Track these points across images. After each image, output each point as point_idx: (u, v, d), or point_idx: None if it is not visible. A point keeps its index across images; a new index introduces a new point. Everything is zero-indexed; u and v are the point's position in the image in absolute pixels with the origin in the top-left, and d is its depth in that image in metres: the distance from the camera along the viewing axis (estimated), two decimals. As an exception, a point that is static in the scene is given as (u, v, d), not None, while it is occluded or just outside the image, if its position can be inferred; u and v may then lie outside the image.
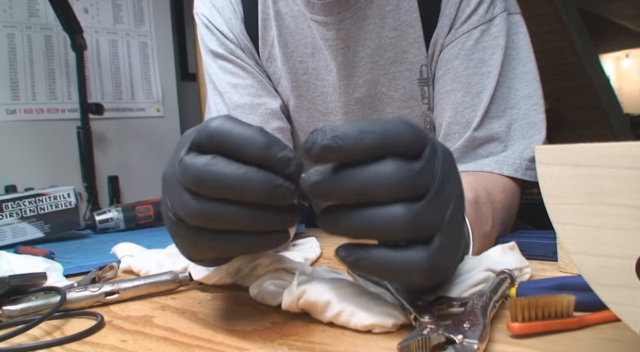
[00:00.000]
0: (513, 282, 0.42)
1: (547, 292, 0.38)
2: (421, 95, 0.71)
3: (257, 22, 0.75)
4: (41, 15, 2.04)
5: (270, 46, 0.76)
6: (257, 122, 0.74)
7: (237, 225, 0.35)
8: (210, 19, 0.77)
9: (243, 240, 0.36)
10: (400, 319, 0.37)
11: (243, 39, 0.76)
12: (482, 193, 0.57)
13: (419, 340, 0.31)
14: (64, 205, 0.91)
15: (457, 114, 0.67)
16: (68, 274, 0.61)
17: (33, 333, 0.41)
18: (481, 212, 0.55)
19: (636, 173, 0.25)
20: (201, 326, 0.41)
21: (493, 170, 0.65)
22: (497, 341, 0.34)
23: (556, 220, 0.27)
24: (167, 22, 2.37)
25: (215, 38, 0.77)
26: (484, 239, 0.54)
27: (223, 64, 0.77)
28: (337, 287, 0.40)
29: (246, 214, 0.34)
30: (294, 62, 0.74)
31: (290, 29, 0.73)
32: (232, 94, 0.76)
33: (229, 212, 0.34)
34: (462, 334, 0.31)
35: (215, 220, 0.34)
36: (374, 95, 0.72)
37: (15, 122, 1.99)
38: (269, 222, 0.35)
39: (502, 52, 0.66)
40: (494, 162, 0.66)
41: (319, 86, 0.74)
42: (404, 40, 0.69)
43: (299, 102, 0.76)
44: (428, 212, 0.32)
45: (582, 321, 0.35)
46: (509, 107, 0.67)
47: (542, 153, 0.28)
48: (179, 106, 2.36)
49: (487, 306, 0.35)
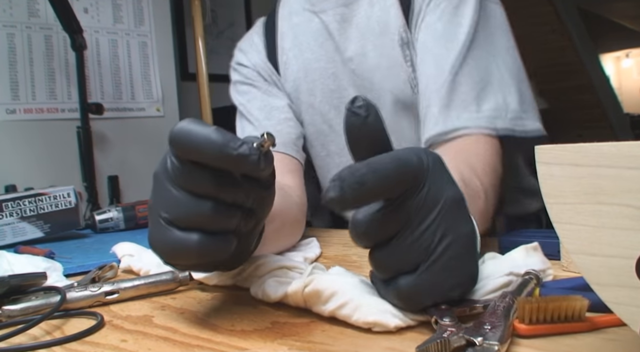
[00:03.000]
0: (539, 283, 0.41)
1: (570, 293, 0.37)
2: (404, 58, 0.77)
3: (275, 46, 0.90)
4: (41, 15, 2.04)
5: (287, 55, 0.88)
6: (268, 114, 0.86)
7: (216, 191, 0.37)
8: (235, 61, 0.94)
9: (230, 243, 0.39)
10: (405, 321, 0.37)
11: (261, 65, 0.90)
12: (466, 170, 0.57)
13: (438, 343, 0.31)
14: (64, 205, 0.90)
15: (437, 66, 0.71)
16: (68, 273, 0.61)
17: (33, 333, 0.41)
18: (471, 190, 0.54)
19: (636, 173, 0.25)
20: (201, 326, 0.41)
21: (467, 124, 0.67)
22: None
23: (556, 220, 0.27)
24: (167, 22, 2.37)
25: (239, 75, 0.92)
26: (480, 217, 0.54)
27: (239, 88, 0.91)
28: (347, 282, 0.40)
29: (225, 180, 0.37)
30: (303, 50, 0.86)
31: (301, 27, 0.87)
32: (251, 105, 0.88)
33: (205, 176, 0.36)
34: (483, 336, 0.31)
35: (195, 183, 0.37)
36: (365, 68, 0.80)
37: (15, 122, 1.99)
38: (239, 193, 0.38)
39: (476, 17, 0.71)
40: (468, 120, 0.68)
41: (329, 68, 0.84)
42: (388, 14, 0.78)
43: (313, 86, 0.86)
44: (395, 252, 0.36)
45: (593, 324, 0.35)
46: (484, 64, 0.71)
47: (542, 153, 0.28)
48: (179, 106, 2.36)
49: (509, 307, 0.35)
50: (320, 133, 0.87)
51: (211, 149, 0.35)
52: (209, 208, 0.37)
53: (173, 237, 0.37)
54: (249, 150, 0.35)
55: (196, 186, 0.37)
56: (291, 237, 0.67)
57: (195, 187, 0.37)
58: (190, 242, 0.37)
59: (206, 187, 0.37)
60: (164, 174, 0.38)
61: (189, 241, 0.37)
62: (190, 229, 0.37)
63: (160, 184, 0.39)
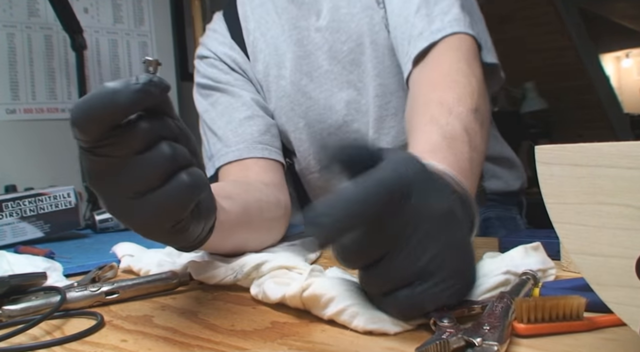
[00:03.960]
0: (536, 283, 0.41)
1: (570, 293, 0.37)
2: (376, 1, 0.77)
3: (240, 29, 0.86)
4: (41, 15, 2.04)
5: (253, 35, 0.85)
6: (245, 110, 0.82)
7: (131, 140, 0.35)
8: (197, 55, 0.90)
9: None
10: (404, 327, 0.37)
11: (223, 51, 0.86)
12: (441, 115, 0.56)
13: (438, 344, 0.31)
14: (64, 205, 0.90)
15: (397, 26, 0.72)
16: (68, 273, 0.61)
17: (33, 333, 0.41)
18: (451, 139, 0.53)
19: (636, 173, 0.25)
20: (201, 326, 0.41)
21: (447, 27, 0.66)
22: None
23: (556, 220, 0.27)
24: (167, 22, 2.37)
25: (199, 74, 0.87)
26: (467, 177, 0.50)
27: (203, 92, 0.86)
28: (345, 288, 0.40)
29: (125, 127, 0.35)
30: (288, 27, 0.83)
31: (264, 4, 0.85)
32: (214, 110, 0.84)
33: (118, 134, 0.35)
34: (482, 336, 0.31)
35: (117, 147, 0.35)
36: (340, 18, 0.79)
37: (15, 122, 1.99)
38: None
39: None
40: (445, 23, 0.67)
41: (292, 35, 0.82)
42: None
43: (283, 58, 0.83)
44: (388, 272, 0.35)
45: (592, 323, 0.35)
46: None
47: (542, 153, 0.28)
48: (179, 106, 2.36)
49: (508, 308, 0.35)
50: (295, 103, 0.83)
51: (124, 98, 0.34)
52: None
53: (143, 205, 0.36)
54: (148, 77, 0.35)
55: (116, 149, 0.36)
56: (270, 233, 0.68)
57: (114, 151, 0.36)
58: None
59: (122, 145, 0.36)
60: (88, 171, 0.38)
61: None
62: (144, 191, 0.36)
63: (94, 181, 0.39)
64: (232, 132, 0.79)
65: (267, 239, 0.67)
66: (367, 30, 0.77)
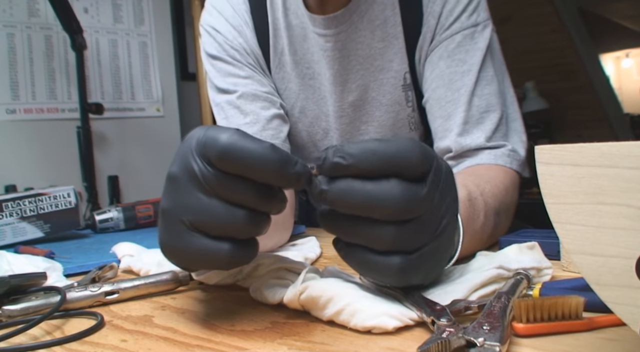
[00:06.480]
0: (530, 283, 0.42)
1: (570, 293, 0.37)
2: (405, 100, 0.78)
3: (267, 32, 0.80)
4: (41, 15, 2.04)
5: (281, 54, 0.81)
6: (260, 107, 0.78)
7: (255, 202, 0.37)
8: (215, 26, 0.80)
9: (256, 249, 0.39)
10: (403, 321, 0.37)
11: (253, 47, 0.80)
12: (473, 188, 0.58)
13: (439, 343, 0.31)
14: (64, 205, 0.90)
15: (440, 108, 0.73)
16: (68, 273, 0.61)
17: (33, 333, 0.41)
18: (473, 209, 0.55)
19: (636, 173, 0.25)
20: (201, 326, 0.41)
21: (488, 161, 0.69)
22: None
23: (556, 220, 0.27)
24: (167, 22, 2.37)
25: (216, 44, 0.80)
26: (473, 237, 0.55)
27: (221, 66, 0.80)
28: (341, 287, 0.40)
29: (264, 191, 0.37)
30: (302, 68, 0.80)
31: (299, 38, 0.79)
32: (236, 87, 0.79)
33: (245, 187, 0.36)
34: (483, 336, 0.31)
35: (233, 193, 0.36)
36: (365, 99, 0.79)
37: (15, 122, 1.99)
38: (275, 202, 0.38)
39: (481, 54, 0.72)
40: (489, 156, 0.70)
41: (323, 90, 0.81)
42: (390, 51, 0.76)
43: (306, 104, 0.82)
44: (417, 232, 0.37)
45: (592, 323, 0.35)
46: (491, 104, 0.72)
47: (542, 153, 0.28)
48: (179, 106, 2.36)
49: (505, 308, 0.35)
50: (303, 147, 0.86)
51: (268, 167, 0.35)
52: (243, 217, 0.36)
53: (200, 244, 0.37)
54: (303, 168, 0.36)
55: (234, 195, 0.36)
56: (282, 234, 0.68)
57: (232, 197, 0.36)
58: (222, 250, 0.37)
59: (246, 197, 0.36)
60: (188, 178, 0.37)
61: (220, 249, 0.37)
62: (221, 237, 0.37)
63: (182, 187, 0.37)
64: (258, 134, 0.77)
65: (280, 240, 0.67)
66: (391, 125, 0.79)
